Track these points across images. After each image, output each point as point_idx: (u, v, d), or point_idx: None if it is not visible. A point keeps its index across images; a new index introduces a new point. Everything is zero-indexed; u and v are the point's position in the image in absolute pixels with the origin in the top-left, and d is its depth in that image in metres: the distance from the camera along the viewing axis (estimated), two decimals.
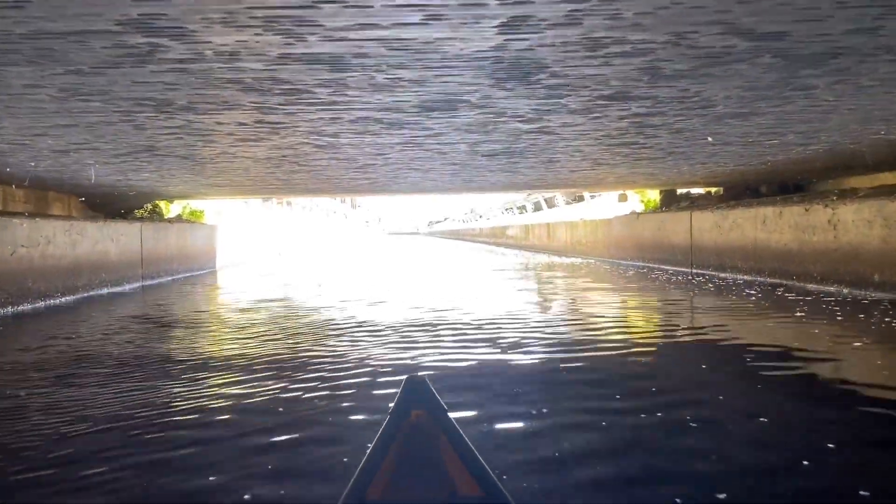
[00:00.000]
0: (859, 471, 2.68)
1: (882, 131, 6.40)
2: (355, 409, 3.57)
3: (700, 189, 16.09)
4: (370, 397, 3.80)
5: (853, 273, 7.98)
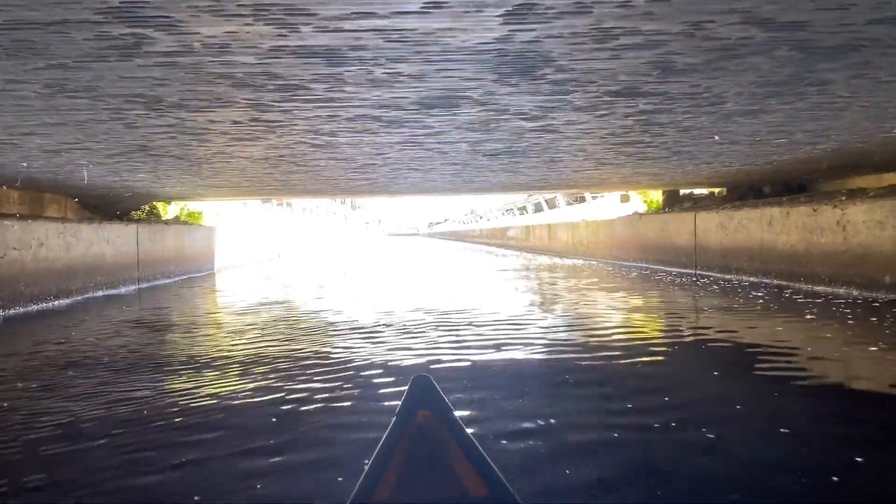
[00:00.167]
0: None
1: (895, 129, 6.24)
2: (355, 426, 3.33)
3: (703, 189, 15.94)
4: (370, 410, 3.61)
5: (863, 275, 7.80)
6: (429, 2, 2.68)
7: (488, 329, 6.20)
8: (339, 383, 4.18)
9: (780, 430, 3.12)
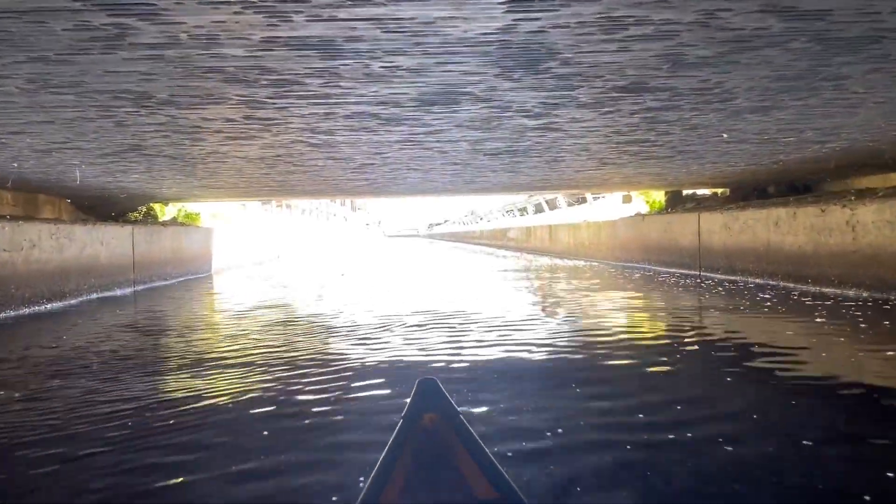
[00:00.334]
0: None
1: None
2: (354, 445, 3.08)
3: (706, 190, 15.75)
4: (370, 426, 3.42)
5: (873, 276, 7.63)
6: None
7: (489, 334, 6.03)
8: (338, 393, 4.01)
9: (803, 443, 2.94)
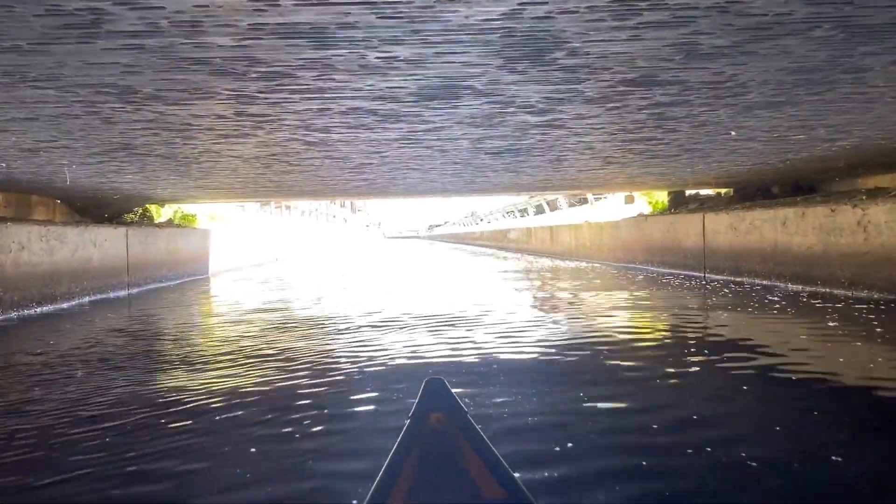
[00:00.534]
0: None
1: None
2: (352, 476, 2.86)
3: (709, 190, 15.56)
4: (368, 452, 3.22)
5: (886, 278, 7.42)
6: None
7: (491, 337, 5.82)
8: (336, 403, 3.80)
9: (832, 459, 2.73)
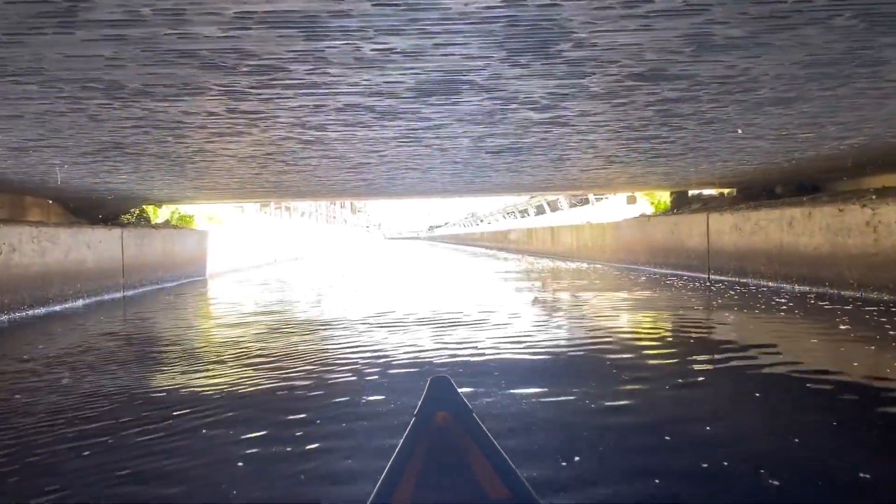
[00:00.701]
0: None
1: None
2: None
3: (712, 190, 15.39)
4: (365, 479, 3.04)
5: None
6: None
7: (493, 342, 5.65)
8: (333, 428, 3.62)
9: (861, 476, 2.56)
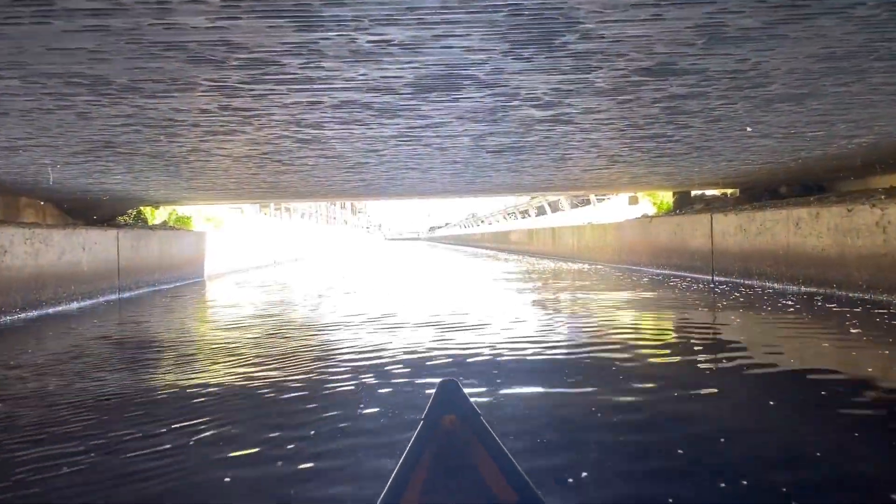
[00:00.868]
0: None
1: None
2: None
3: (715, 191, 15.24)
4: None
5: None
6: None
7: (496, 345, 5.50)
8: (330, 447, 3.47)
9: (890, 498, 2.40)
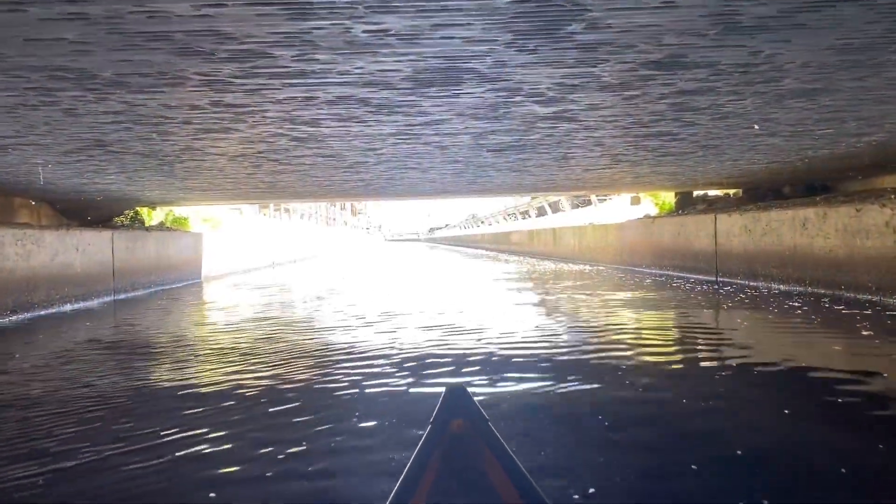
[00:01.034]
0: None
1: None
2: None
3: (717, 191, 15.09)
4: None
5: None
6: None
7: (499, 354, 5.34)
8: (324, 464, 3.30)
9: None
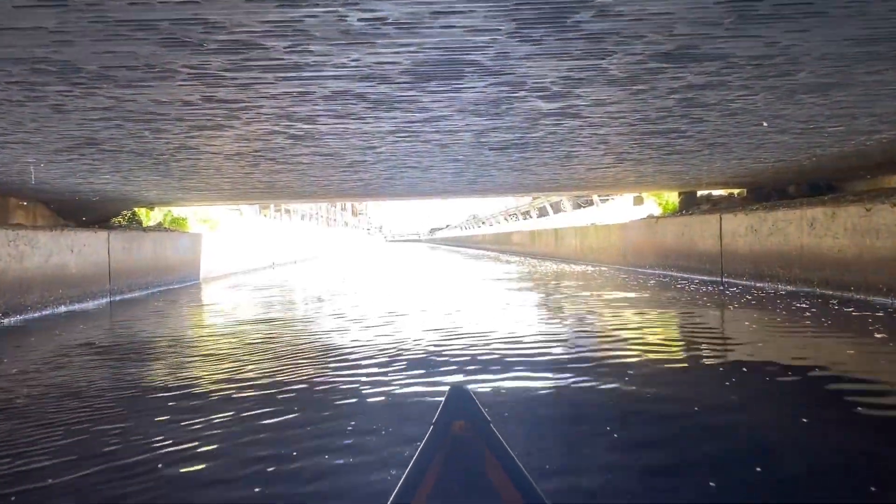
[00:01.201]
0: None
1: None
2: None
3: (721, 191, 14.92)
4: None
5: None
6: None
7: (501, 356, 5.19)
8: (319, 474, 3.15)
9: None
